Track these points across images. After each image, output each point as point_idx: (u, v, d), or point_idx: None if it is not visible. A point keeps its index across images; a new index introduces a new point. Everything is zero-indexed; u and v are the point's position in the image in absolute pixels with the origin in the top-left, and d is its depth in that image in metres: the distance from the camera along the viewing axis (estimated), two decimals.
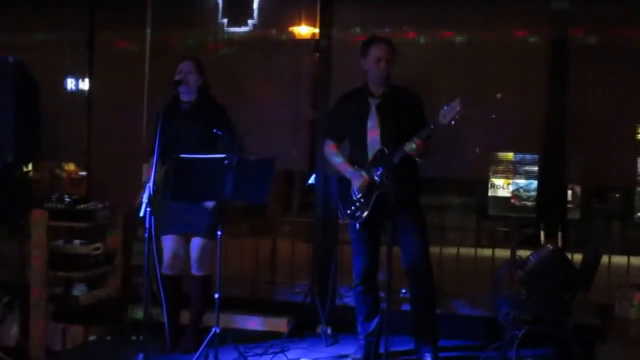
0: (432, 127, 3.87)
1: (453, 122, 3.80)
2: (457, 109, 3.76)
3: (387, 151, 3.90)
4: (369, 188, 4.09)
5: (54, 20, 5.44)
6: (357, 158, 4.21)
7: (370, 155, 4.11)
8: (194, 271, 4.38)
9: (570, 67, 4.72)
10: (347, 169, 4.22)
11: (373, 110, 4.11)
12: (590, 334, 4.31)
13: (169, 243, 4.38)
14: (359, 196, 4.15)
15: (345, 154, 4.33)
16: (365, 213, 4.11)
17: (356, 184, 4.15)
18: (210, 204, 4.21)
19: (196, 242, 4.34)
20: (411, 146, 3.90)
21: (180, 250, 4.40)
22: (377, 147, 4.03)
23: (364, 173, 4.11)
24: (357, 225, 4.19)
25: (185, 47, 5.24)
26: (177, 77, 4.26)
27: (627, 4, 4.63)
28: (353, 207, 4.18)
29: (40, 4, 5.41)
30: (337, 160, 4.32)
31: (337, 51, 5.06)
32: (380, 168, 3.99)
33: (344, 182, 4.26)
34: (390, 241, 3.64)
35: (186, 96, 4.32)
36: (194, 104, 4.35)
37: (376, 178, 4.05)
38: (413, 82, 4.37)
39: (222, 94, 4.79)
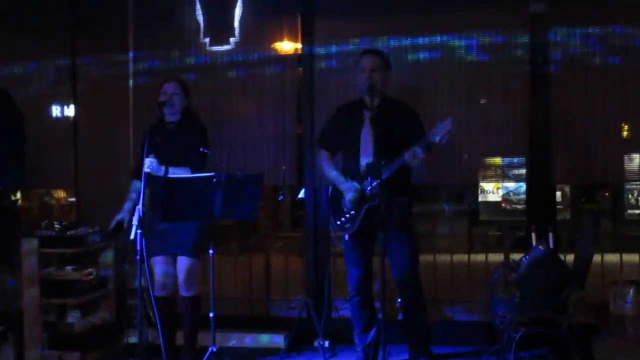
0: (422, 145, 3.88)
1: (444, 141, 3.83)
2: (449, 128, 3.79)
3: (379, 164, 3.90)
4: (360, 200, 4.12)
5: (35, 49, 5.45)
6: (349, 169, 4.24)
7: (362, 167, 4.14)
8: (182, 292, 4.35)
9: (551, 69, 4.75)
10: (340, 181, 4.25)
11: (367, 122, 4.13)
12: (587, 332, 4.33)
13: (158, 264, 4.37)
14: (349, 208, 4.18)
15: (339, 165, 4.37)
16: (355, 225, 4.15)
17: (348, 196, 4.18)
18: None
19: (182, 263, 4.31)
20: (412, 157, 3.91)
21: (170, 271, 4.37)
22: (370, 159, 4.04)
23: (356, 185, 4.14)
24: (347, 236, 4.23)
25: (168, 67, 5.25)
26: (161, 98, 4.29)
27: (605, 3, 4.68)
28: (343, 219, 4.22)
29: (21, 33, 5.42)
30: (330, 171, 4.36)
31: (320, 65, 5.09)
32: (372, 180, 4.01)
33: (336, 193, 4.29)
34: (383, 251, 3.70)
35: (171, 117, 4.34)
36: (177, 124, 4.35)
37: (367, 190, 4.07)
38: (396, 91, 4.42)
39: (207, 112, 4.88)
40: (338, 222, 4.25)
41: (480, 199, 4.99)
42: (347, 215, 4.19)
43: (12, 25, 5.42)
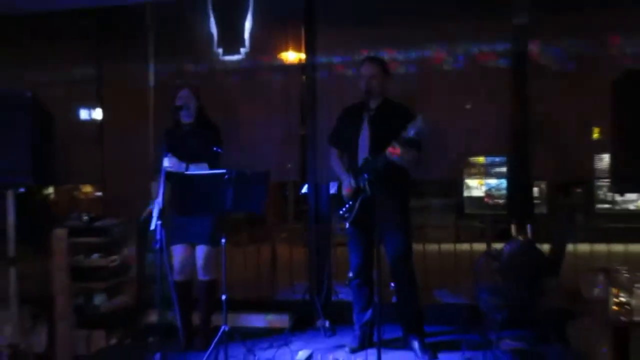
0: (399, 141, 4.10)
1: (419, 137, 4.07)
2: (419, 124, 4.00)
3: (373, 160, 4.23)
4: (355, 193, 4.43)
5: (65, 57, 5.72)
6: (351, 166, 4.54)
7: (359, 163, 4.41)
8: (200, 276, 4.67)
9: (531, 76, 5.02)
10: (343, 176, 4.56)
11: (366, 122, 4.42)
12: (562, 315, 4.53)
13: (177, 252, 4.68)
14: (347, 200, 4.50)
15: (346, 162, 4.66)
16: (352, 215, 4.45)
17: (345, 189, 4.51)
18: None
19: (201, 250, 4.63)
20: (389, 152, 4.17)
21: (187, 258, 4.68)
22: (367, 156, 4.33)
23: (352, 180, 4.44)
24: (347, 224, 4.53)
25: (185, 75, 5.52)
26: (178, 103, 4.60)
27: (580, 16, 4.97)
28: (344, 209, 4.54)
29: (52, 43, 5.70)
30: (337, 167, 4.66)
31: (322, 73, 5.37)
32: (366, 175, 4.26)
33: (341, 187, 4.60)
34: (379, 241, 4.02)
35: (186, 118, 4.66)
36: (193, 125, 4.67)
37: (361, 184, 4.35)
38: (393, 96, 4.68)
39: (220, 116, 5.10)
40: (340, 212, 4.55)
41: (465, 194, 5.24)
42: (347, 206, 4.49)
43: (46, 37, 5.71)
